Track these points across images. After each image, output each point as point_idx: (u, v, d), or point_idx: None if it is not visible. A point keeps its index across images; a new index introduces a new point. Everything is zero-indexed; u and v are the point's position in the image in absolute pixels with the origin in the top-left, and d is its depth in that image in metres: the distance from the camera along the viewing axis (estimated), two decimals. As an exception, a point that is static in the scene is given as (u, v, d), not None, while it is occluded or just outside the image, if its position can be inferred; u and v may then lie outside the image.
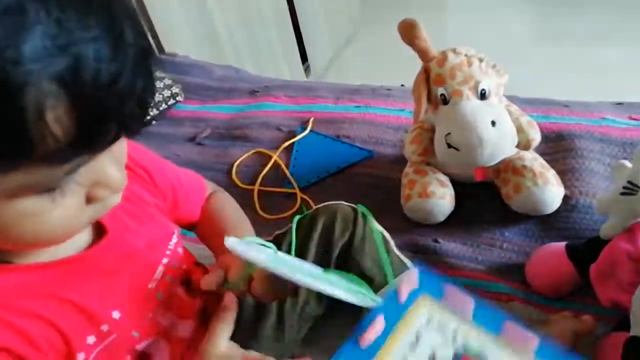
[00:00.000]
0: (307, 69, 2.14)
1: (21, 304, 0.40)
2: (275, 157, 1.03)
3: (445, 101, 0.74)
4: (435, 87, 0.74)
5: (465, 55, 0.73)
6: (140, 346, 0.50)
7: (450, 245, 0.79)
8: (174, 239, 0.57)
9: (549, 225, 0.78)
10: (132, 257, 0.50)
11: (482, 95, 0.73)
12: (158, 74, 1.25)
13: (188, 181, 0.62)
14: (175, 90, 1.26)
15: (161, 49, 1.47)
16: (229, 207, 0.66)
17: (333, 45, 2.27)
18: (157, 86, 1.23)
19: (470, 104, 0.71)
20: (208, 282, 0.49)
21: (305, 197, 0.94)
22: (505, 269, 0.75)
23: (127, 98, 0.32)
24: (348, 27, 2.37)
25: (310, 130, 1.07)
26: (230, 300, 0.48)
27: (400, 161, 0.91)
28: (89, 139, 0.31)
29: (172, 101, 1.24)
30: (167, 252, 0.55)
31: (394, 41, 0.75)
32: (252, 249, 0.47)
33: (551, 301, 0.68)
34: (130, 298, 0.49)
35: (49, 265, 0.43)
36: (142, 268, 0.51)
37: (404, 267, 0.68)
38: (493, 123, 0.70)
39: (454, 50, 0.74)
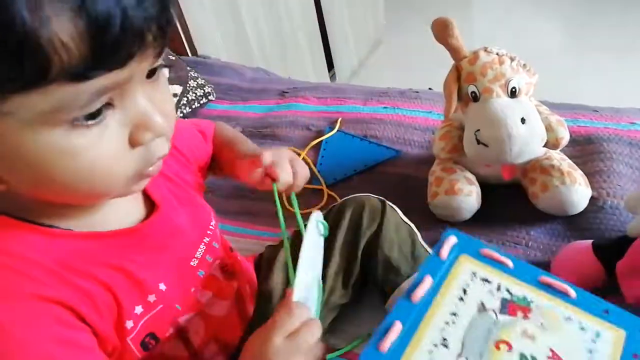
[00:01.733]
0: (332, 76, 2.17)
1: (83, 268, 0.43)
2: (303, 154, 1.05)
3: (475, 98, 0.76)
4: (466, 84, 0.76)
5: (497, 54, 0.75)
6: (182, 319, 0.52)
7: (476, 243, 0.80)
8: (212, 221, 0.60)
9: (575, 225, 0.78)
10: (178, 235, 0.53)
11: (513, 93, 0.74)
12: (191, 74, 1.30)
13: (206, 129, 0.67)
14: (207, 89, 1.30)
15: (194, 51, 1.52)
16: (228, 133, 0.70)
17: (359, 52, 2.31)
18: (191, 85, 1.27)
19: (500, 101, 0.73)
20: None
21: (332, 193, 0.96)
22: (531, 266, 0.75)
23: (134, 7, 0.32)
24: (373, 34, 2.41)
25: (338, 130, 1.09)
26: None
27: (427, 161, 0.93)
28: (101, 51, 0.31)
29: (204, 100, 1.28)
30: (209, 232, 0.58)
31: (419, 46, 0.78)
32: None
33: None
34: (175, 273, 0.51)
35: (106, 235, 0.46)
36: (186, 245, 0.54)
37: None
38: (523, 120, 0.72)
39: (485, 49, 0.76)
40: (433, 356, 0.44)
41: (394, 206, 0.73)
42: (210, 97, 1.30)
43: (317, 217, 0.52)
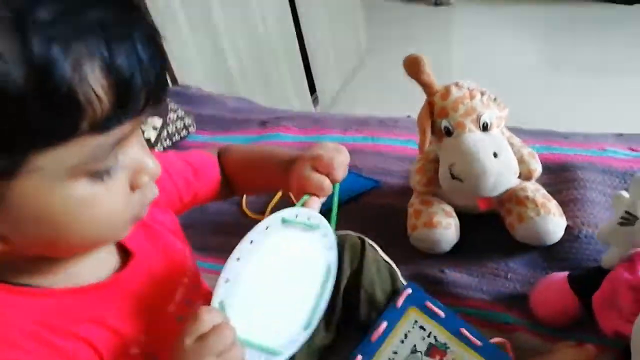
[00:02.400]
0: (315, 100, 2.19)
1: (63, 326, 0.42)
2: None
3: (449, 133, 0.77)
4: (439, 119, 0.77)
5: (468, 88, 0.77)
6: None
7: (456, 275, 0.81)
8: (189, 262, 0.59)
9: (552, 255, 0.79)
10: (153, 280, 0.52)
11: (484, 127, 0.76)
12: (172, 105, 1.30)
13: (198, 161, 0.65)
14: (187, 121, 1.30)
15: (175, 80, 1.52)
16: (245, 149, 0.71)
17: (340, 76, 2.33)
18: (171, 118, 1.27)
19: (472, 135, 0.74)
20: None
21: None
22: (509, 299, 0.76)
23: (148, 63, 0.35)
24: (355, 58, 2.44)
25: (319, 161, 1.10)
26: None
27: (407, 191, 0.93)
28: (126, 100, 0.34)
29: (184, 132, 1.28)
30: (187, 272, 0.57)
31: (400, 71, 0.79)
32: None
33: (554, 331, 0.69)
34: (152, 321, 0.50)
35: (84, 290, 0.45)
36: (162, 291, 0.53)
37: None
38: (495, 154, 0.73)
39: (456, 84, 0.78)
40: None
41: (373, 244, 0.73)
42: (191, 129, 1.30)
43: (281, 215, 0.48)
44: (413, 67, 0.76)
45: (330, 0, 2.16)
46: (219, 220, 1.02)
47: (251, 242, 0.45)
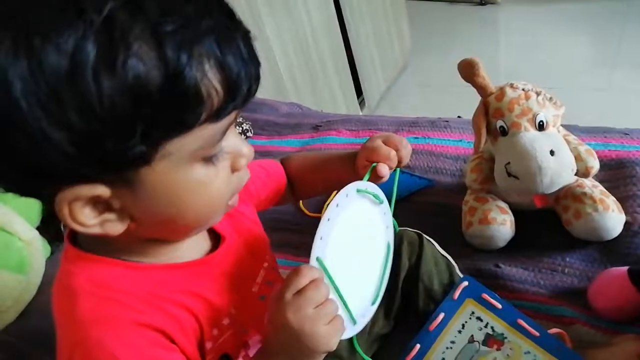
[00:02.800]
0: (361, 102, 2.23)
1: (169, 295, 0.48)
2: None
3: (504, 132, 0.79)
4: (494, 120, 0.80)
5: (523, 89, 0.79)
6: (250, 341, 0.57)
7: (512, 270, 0.82)
8: (269, 248, 0.65)
9: (610, 250, 0.80)
10: (240, 262, 0.58)
11: (540, 127, 0.77)
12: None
13: (268, 165, 0.72)
14: (245, 126, 1.37)
15: (230, 88, 1.60)
16: (302, 156, 0.78)
17: (386, 78, 2.36)
18: (229, 122, 1.35)
19: (528, 134, 0.76)
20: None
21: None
22: (567, 293, 0.77)
23: (249, 60, 0.41)
24: (400, 59, 2.46)
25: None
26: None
27: (460, 189, 0.96)
28: (235, 92, 0.40)
29: (243, 137, 1.35)
30: (267, 257, 0.63)
31: (445, 71, 0.81)
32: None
33: (614, 325, 0.70)
34: (241, 297, 0.56)
35: (183, 266, 0.51)
36: (247, 271, 0.59)
37: None
38: (552, 152, 0.75)
39: (511, 85, 0.80)
40: None
41: (430, 239, 0.77)
42: (249, 134, 1.37)
43: (356, 186, 0.55)
44: (468, 70, 0.79)
45: (375, 4, 2.19)
46: (279, 218, 1.07)
47: (337, 205, 0.52)
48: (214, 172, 0.44)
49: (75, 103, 0.35)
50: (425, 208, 1.00)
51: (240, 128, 1.35)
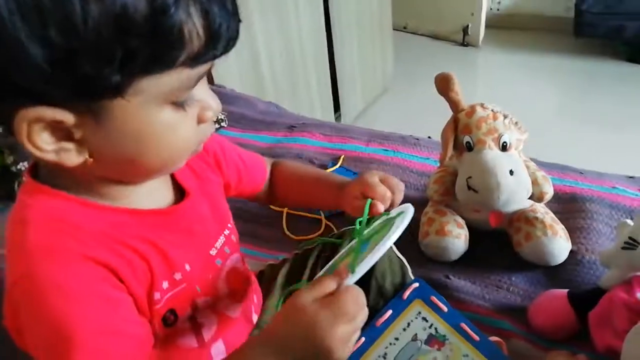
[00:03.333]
0: (338, 117, 2.27)
1: (123, 238, 0.48)
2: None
3: (470, 148, 0.83)
4: (462, 135, 0.83)
5: (492, 110, 0.83)
6: (199, 301, 0.57)
7: (460, 283, 0.85)
8: (231, 218, 0.65)
9: (554, 276, 0.84)
10: (202, 222, 0.58)
11: (504, 147, 0.81)
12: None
13: (250, 160, 0.72)
14: (221, 116, 1.37)
15: (211, 80, 1.61)
16: (296, 168, 0.77)
17: (365, 99, 2.41)
18: (205, 111, 1.35)
19: (492, 152, 0.80)
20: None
21: (329, 223, 1.02)
22: (509, 309, 0.80)
23: (232, 14, 0.42)
24: (380, 84, 2.52)
25: (341, 166, 1.15)
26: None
27: (422, 203, 0.98)
28: (216, 40, 0.41)
29: (217, 126, 1.35)
30: (229, 225, 0.63)
31: (422, 100, 0.85)
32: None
33: (550, 342, 0.73)
34: (197, 256, 0.56)
35: (142, 213, 0.51)
36: (208, 234, 0.59)
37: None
38: (511, 172, 0.78)
39: (482, 105, 0.84)
40: None
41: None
42: (223, 124, 1.37)
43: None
44: (443, 83, 0.82)
45: (364, 26, 2.25)
46: (243, 208, 1.07)
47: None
48: (181, 118, 0.44)
49: (59, 20, 0.35)
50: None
51: (216, 117, 1.35)
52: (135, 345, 0.46)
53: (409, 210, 0.55)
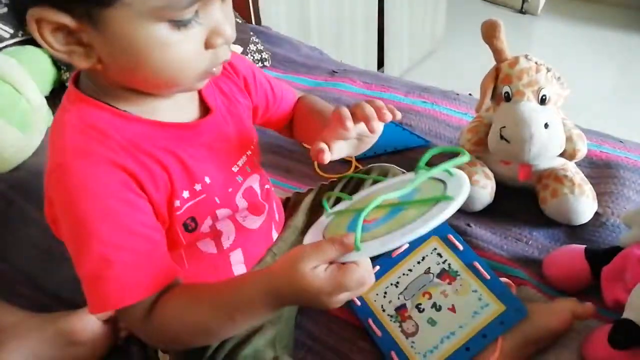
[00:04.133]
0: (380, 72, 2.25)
1: (147, 148, 0.52)
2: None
3: (507, 99, 0.82)
4: (501, 85, 0.83)
5: (536, 62, 0.82)
6: (219, 212, 0.61)
7: (480, 231, 0.87)
8: (255, 139, 0.68)
9: (576, 234, 0.84)
10: (225, 140, 0.61)
11: (542, 101, 0.81)
12: (253, 39, 1.40)
13: (280, 92, 0.73)
14: (264, 56, 1.40)
15: (258, 21, 1.62)
16: (318, 104, 0.74)
17: (410, 59, 2.38)
18: (250, 49, 1.37)
19: (529, 104, 0.80)
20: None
21: (358, 165, 1.04)
22: (525, 260, 0.82)
23: None
24: (428, 45, 2.47)
25: (377, 113, 1.17)
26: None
27: (453, 155, 1.00)
28: None
29: (260, 64, 1.38)
30: (252, 147, 0.66)
31: (469, 66, 0.84)
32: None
33: (559, 293, 0.75)
34: (218, 170, 0.60)
35: (167, 125, 0.55)
36: (230, 151, 0.62)
37: None
38: (546, 125, 0.78)
39: (526, 56, 0.83)
40: (387, 290, 0.73)
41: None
42: (266, 64, 1.39)
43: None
44: (490, 30, 0.82)
45: (418, -16, 2.20)
46: (277, 143, 1.11)
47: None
48: (179, 38, 0.45)
49: None
50: (415, 164, 1.03)
51: (260, 56, 1.38)
52: (148, 245, 0.51)
53: (459, 198, 0.47)
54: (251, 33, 1.42)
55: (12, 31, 1.20)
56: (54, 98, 1.19)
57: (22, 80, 1.10)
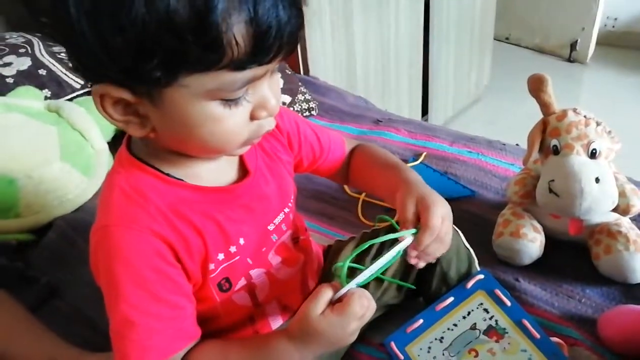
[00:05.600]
0: (425, 121, 2.27)
1: (185, 213, 0.55)
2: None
3: (556, 152, 0.82)
4: (549, 138, 0.83)
5: (585, 116, 0.81)
6: (252, 272, 0.63)
7: (530, 287, 0.84)
8: (293, 195, 0.70)
9: (632, 293, 0.80)
10: (263, 200, 0.63)
11: (592, 155, 0.80)
12: (301, 89, 1.46)
13: (326, 139, 0.75)
14: (312, 105, 1.45)
15: (307, 71, 1.69)
16: (376, 154, 0.76)
17: (455, 106, 2.39)
18: (298, 99, 1.43)
19: (579, 158, 0.79)
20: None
21: (404, 214, 1.04)
22: (578, 318, 0.78)
23: (285, 24, 0.44)
24: (473, 93, 2.48)
25: (421, 162, 1.18)
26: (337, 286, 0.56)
27: (500, 207, 0.98)
28: (259, 50, 0.44)
29: (307, 113, 1.43)
30: (289, 204, 0.68)
31: (515, 115, 0.84)
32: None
33: (617, 356, 0.71)
34: (254, 231, 0.62)
35: (208, 190, 0.58)
36: (268, 211, 0.64)
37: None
38: (597, 180, 0.77)
39: (574, 110, 0.82)
40: (431, 345, 0.71)
41: (458, 230, 0.80)
42: (313, 112, 1.44)
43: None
44: (536, 83, 0.82)
45: (463, 33, 2.24)
46: (321, 190, 1.14)
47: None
48: (228, 114, 0.48)
49: (109, 15, 0.41)
50: (461, 215, 1.02)
51: (307, 105, 1.43)
52: (173, 312, 0.54)
53: (408, 239, 0.59)
54: (299, 83, 1.48)
55: (82, 82, 1.31)
56: (115, 144, 1.27)
57: (89, 127, 1.19)
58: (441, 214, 0.60)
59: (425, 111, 2.25)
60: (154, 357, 0.53)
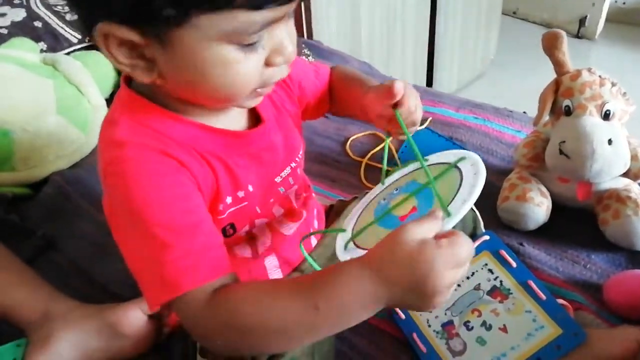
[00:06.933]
0: (429, 93, 2.23)
1: (200, 151, 0.52)
2: (387, 141, 1.12)
3: (568, 112, 0.79)
4: (562, 98, 0.80)
5: (600, 76, 0.78)
6: (257, 221, 0.61)
7: (534, 252, 0.83)
8: (301, 151, 0.68)
9: (637, 259, 0.79)
10: (272, 151, 0.61)
11: (606, 116, 0.77)
12: (305, 51, 1.43)
13: (321, 76, 0.72)
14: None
15: (310, 35, 1.65)
16: (353, 72, 0.73)
17: (460, 78, 2.35)
18: (302, 61, 1.40)
19: (592, 119, 0.76)
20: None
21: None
22: (583, 283, 0.77)
23: None
24: (478, 66, 2.44)
25: (426, 127, 1.15)
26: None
27: (505, 172, 0.96)
28: None
29: (310, 76, 1.40)
30: (297, 159, 0.66)
31: (520, 90, 0.81)
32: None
33: (621, 321, 0.70)
34: (262, 180, 0.60)
35: (218, 131, 0.55)
36: (276, 163, 0.62)
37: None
38: (610, 141, 0.74)
39: (589, 70, 0.79)
40: None
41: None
42: (316, 76, 1.41)
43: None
44: (551, 41, 0.79)
45: (471, 5, 2.18)
46: (324, 152, 1.11)
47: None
48: (242, 59, 0.45)
49: None
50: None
51: (311, 68, 1.40)
52: (207, 230, 0.50)
53: (472, 156, 0.53)
54: (303, 46, 1.44)
55: (79, 37, 1.27)
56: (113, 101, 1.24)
57: (86, 82, 1.15)
58: (401, 83, 0.57)
59: (430, 83, 2.21)
60: (197, 280, 0.47)
